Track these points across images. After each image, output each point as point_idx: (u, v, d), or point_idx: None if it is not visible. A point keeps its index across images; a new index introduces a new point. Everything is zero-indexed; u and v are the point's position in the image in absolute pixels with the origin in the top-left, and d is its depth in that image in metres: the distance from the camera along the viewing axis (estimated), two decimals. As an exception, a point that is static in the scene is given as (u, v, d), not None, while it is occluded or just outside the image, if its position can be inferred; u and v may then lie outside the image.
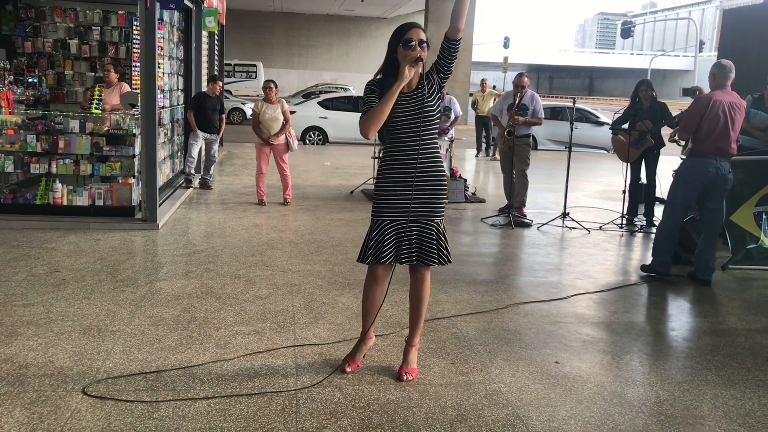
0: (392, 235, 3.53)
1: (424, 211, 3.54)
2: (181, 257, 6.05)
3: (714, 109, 5.62)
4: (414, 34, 3.44)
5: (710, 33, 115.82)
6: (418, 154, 3.47)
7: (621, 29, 41.18)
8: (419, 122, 3.46)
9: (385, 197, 3.53)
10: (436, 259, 3.57)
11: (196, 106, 9.51)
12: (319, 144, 17.03)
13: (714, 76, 5.76)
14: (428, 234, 3.55)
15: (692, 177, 5.76)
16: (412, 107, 3.47)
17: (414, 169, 3.47)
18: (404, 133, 3.48)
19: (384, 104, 3.38)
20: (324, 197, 9.51)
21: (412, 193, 3.49)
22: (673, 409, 3.51)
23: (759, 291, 5.80)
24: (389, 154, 3.55)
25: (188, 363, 3.79)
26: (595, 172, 13.64)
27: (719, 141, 5.63)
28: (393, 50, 3.48)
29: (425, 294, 3.71)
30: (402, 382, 3.66)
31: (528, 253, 6.87)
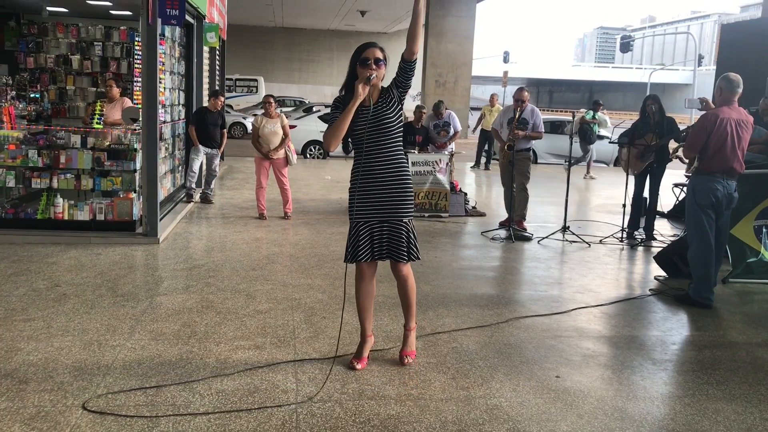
0: (366, 234, 3.86)
1: (391, 212, 3.84)
2: (182, 272, 6.05)
3: (721, 127, 5.42)
4: (370, 53, 3.75)
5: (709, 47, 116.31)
6: (385, 163, 3.80)
7: (620, 43, 41.36)
8: (378, 133, 3.78)
9: (355, 202, 3.86)
10: (406, 256, 3.88)
11: (198, 121, 9.54)
12: (319, 158, 17.07)
13: (721, 91, 5.55)
14: (397, 233, 3.87)
15: (702, 196, 5.54)
16: (372, 119, 3.77)
17: (379, 175, 3.80)
18: (368, 145, 3.79)
19: (342, 120, 3.70)
20: (324, 211, 9.52)
21: (378, 197, 3.82)
22: (675, 424, 3.50)
23: (760, 305, 5.79)
24: (356, 162, 3.88)
25: (188, 378, 3.78)
26: (595, 186, 13.65)
27: (727, 160, 5.45)
28: (351, 67, 3.82)
29: (408, 288, 4.03)
30: (404, 365, 4.03)
31: (528, 267, 6.87)
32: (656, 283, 6.39)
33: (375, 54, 3.75)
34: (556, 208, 9.90)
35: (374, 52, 3.75)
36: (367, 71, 3.69)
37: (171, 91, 9.06)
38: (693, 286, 5.65)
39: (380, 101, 3.82)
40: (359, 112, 3.75)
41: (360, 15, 29.02)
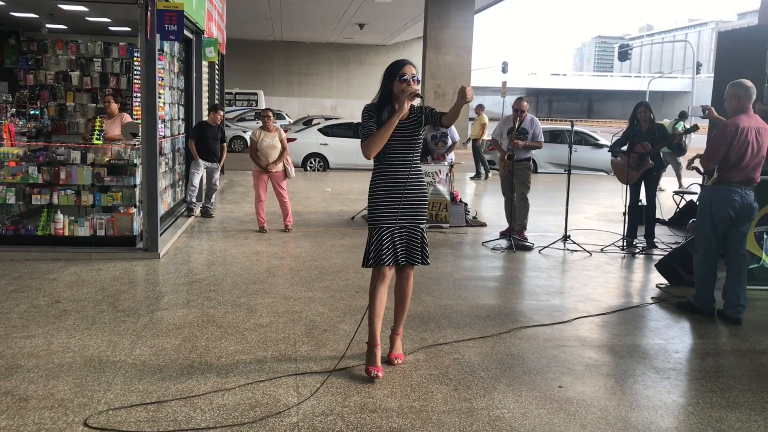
0: (388, 239, 4.06)
1: (412, 219, 4.12)
2: (183, 286, 6.04)
3: (742, 136, 5.25)
4: (408, 70, 4.01)
5: (707, 54, 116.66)
6: (410, 173, 4.07)
7: (618, 52, 41.42)
8: (412, 147, 4.09)
9: (380, 208, 4.09)
10: (420, 260, 4.15)
11: (197, 135, 9.56)
12: (320, 170, 17.09)
13: (738, 98, 5.35)
14: (415, 238, 4.13)
15: (718, 206, 5.36)
16: (406, 134, 4.06)
17: (404, 184, 4.06)
18: (398, 155, 4.07)
19: (385, 131, 3.95)
20: (325, 223, 9.52)
21: (403, 204, 4.07)
22: (679, 433, 3.48)
23: (762, 311, 5.77)
24: (382, 171, 4.12)
25: (189, 393, 3.77)
26: (595, 195, 13.65)
27: (747, 169, 5.30)
28: (388, 83, 4.04)
29: (409, 290, 4.29)
30: (393, 365, 4.22)
31: (530, 277, 6.85)
32: (658, 291, 6.37)
33: (412, 71, 4.02)
34: (557, 218, 9.89)
35: (411, 70, 4.03)
36: (413, 89, 3.91)
37: (170, 106, 9.08)
38: (695, 294, 5.63)
39: (412, 117, 4.08)
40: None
41: (359, 28, 29.12)
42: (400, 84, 3.99)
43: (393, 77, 4.02)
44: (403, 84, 3.98)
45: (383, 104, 4.08)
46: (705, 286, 5.57)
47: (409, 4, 22.02)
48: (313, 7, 24.09)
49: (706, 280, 5.57)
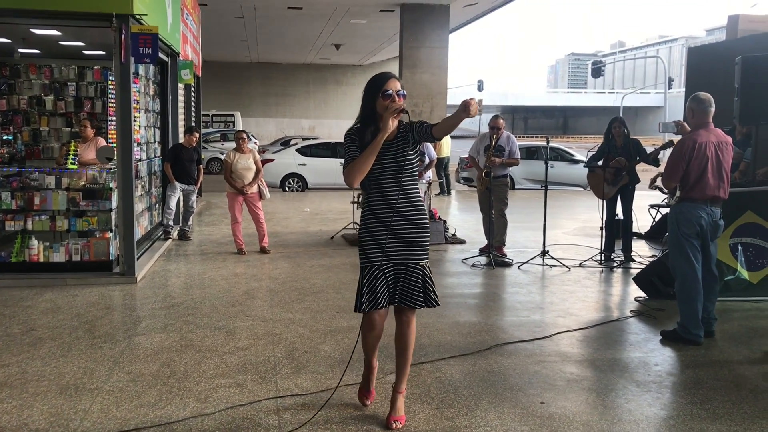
0: (382, 279, 3.60)
1: (409, 255, 3.62)
2: (160, 310, 5.97)
3: (701, 152, 5.05)
4: (391, 84, 3.55)
5: (678, 70, 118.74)
6: (397, 200, 3.58)
7: (592, 69, 42.02)
8: (400, 170, 3.58)
9: (370, 243, 3.61)
10: (423, 302, 3.63)
11: (173, 158, 9.51)
12: (298, 191, 17.05)
13: (693, 112, 5.21)
14: (414, 277, 3.62)
15: (686, 225, 5.14)
16: (394, 156, 3.59)
17: (392, 213, 3.58)
18: (385, 181, 3.59)
19: (368, 155, 3.49)
20: (304, 244, 9.48)
21: (394, 237, 3.58)
22: (661, 446, 3.49)
23: (739, 322, 5.83)
24: (371, 200, 3.64)
25: (168, 419, 3.71)
26: (572, 210, 13.76)
27: (709, 187, 5.08)
28: (370, 100, 3.57)
29: (411, 338, 3.71)
30: (391, 430, 3.61)
31: (510, 293, 6.87)
32: (637, 304, 6.42)
33: (396, 86, 3.56)
34: (535, 233, 9.94)
35: (395, 84, 3.57)
36: (397, 104, 3.49)
37: (146, 129, 9.03)
38: (680, 323, 5.25)
39: (400, 137, 3.61)
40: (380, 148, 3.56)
41: (335, 49, 29.23)
42: (384, 100, 3.53)
43: (375, 94, 3.55)
44: (386, 100, 3.53)
45: (366, 125, 3.60)
46: (690, 313, 5.17)
47: (385, 24, 22.17)
48: (288, 29, 24.18)
49: (690, 307, 5.16)
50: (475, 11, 21.06)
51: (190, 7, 12.32)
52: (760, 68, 6.58)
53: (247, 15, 20.95)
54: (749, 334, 5.46)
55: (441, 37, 19.30)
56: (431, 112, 18.64)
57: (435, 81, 19.32)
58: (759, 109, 6.59)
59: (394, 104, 3.49)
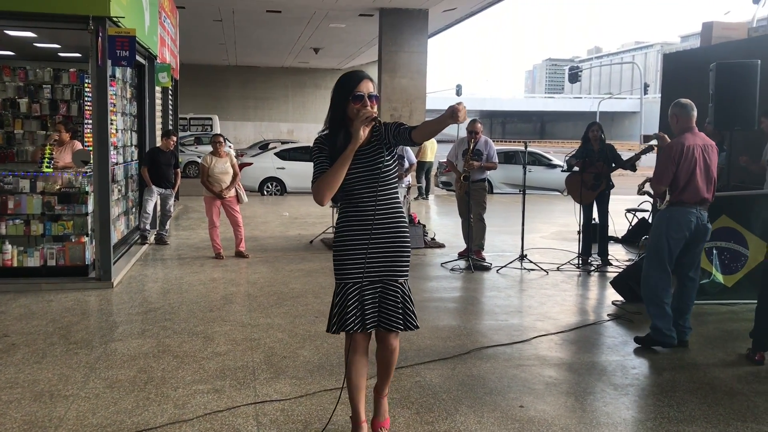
0: (355, 298, 3.25)
1: (387, 271, 3.28)
2: (137, 316, 5.91)
3: (689, 155, 5.08)
4: (363, 86, 3.19)
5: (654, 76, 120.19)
6: (375, 212, 3.24)
7: (569, 74, 42.39)
8: (377, 178, 3.23)
9: (345, 258, 3.27)
10: (402, 324, 3.30)
11: (150, 161, 9.43)
12: (277, 195, 16.99)
13: (677, 118, 5.25)
14: (393, 296, 3.29)
15: (675, 229, 5.14)
16: (368, 163, 3.24)
17: (370, 226, 3.24)
18: (360, 191, 3.24)
19: (338, 169, 3.14)
20: (283, 248, 9.44)
21: (372, 253, 3.25)
22: (638, 449, 3.52)
23: (714, 325, 5.90)
24: (347, 212, 3.30)
25: (146, 426, 3.67)
26: (550, 214, 13.86)
27: (699, 189, 5.11)
28: (339, 103, 3.22)
29: (393, 361, 3.44)
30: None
31: (488, 297, 6.89)
32: (614, 308, 6.47)
33: (369, 88, 3.20)
34: (513, 237, 9.98)
35: (368, 85, 3.20)
36: (369, 111, 3.14)
37: (123, 132, 8.94)
38: (653, 326, 5.24)
39: (374, 141, 3.24)
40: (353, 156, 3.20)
41: (314, 52, 29.19)
42: (354, 104, 3.18)
43: (346, 96, 3.19)
44: (357, 104, 3.17)
45: (336, 131, 3.24)
46: (660, 314, 5.22)
47: (364, 28, 22.19)
48: (267, 33, 24.10)
49: (660, 309, 5.22)
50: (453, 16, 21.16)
51: (168, 10, 12.24)
52: (734, 75, 6.69)
53: (225, 18, 20.86)
54: (724, 337, 5.53)
55: (420, 42, 19.37)
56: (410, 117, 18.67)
57: (414, 85, 19.37)
58: (733, 114, 6.71)
59: (366, 110, 3.14)
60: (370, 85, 3.21)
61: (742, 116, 6.66)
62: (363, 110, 3.14)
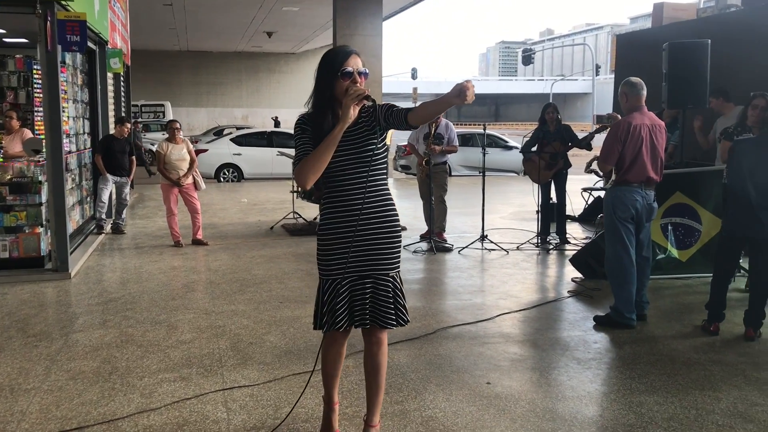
0: (345, 294, 3.05)
1: (377, 265, 3.05)
2: (97, 306, 5.80)
3: (635, 134, 5.08)
4: (353, 62, 2.96)
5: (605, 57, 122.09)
6: (364, 200, 3.00)
7: (522, 56, 42.80)
8: (367, 164, 2.99)
9: (332, 252, 3.03)
10: (394, 320, 3.10)
11: (104, 149, 9.23)
12: (234, 181, 16.80)
13: (626, 97, 5.24)
14: (384, 290, 3.08)
15: (622, 209, 5.18)
16: (357, 147, 3.00)
17: (358, 216, 2.99)
18: (348, 177, 3.00)
19: (324, 150, 2.89)
20: (243, 235, 9.36)
21: (360, 245, 3.02)
22: (603, 420, 3.61)
23: (671, 299, 6.07)
24: (332, 201, 3.04)
25: (112, 416, 3.62)
26: (508, 195, 14.02)
27: (645, 169, 5.12)
28: (325, 80, 2.98)
29: (383, 360, 3.20)
30: None
31: (451, 277, 6.96)
32: (573, 284, 6.60)
33: (358, 64, 2.97)
34: (473, 218, 10.08)
35: (356, 61, 2.98)
36: (360, 89, 2.89)
37: (75, 120, 8.71)
38: (613, 307, 5.28)
39: (363, 123, 3.00)
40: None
41: (267, 36, 28.83)
42: (343, 81, 2.94)
43: (333, 73, 2.95)
44: (346, 81, 2.94)
45: (322, 112, 2.98)
46: (624, 297, 5.21)
47: (318, 12, 21.99)
48: (218, 17, 23.71)
49: (624, 290, 5.21)
50: None
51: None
52: (686, 54, 6.84)
53: (176, 2, 20.43)
54: (680, 310, 5.69)
55: (374, 25, 19.28)
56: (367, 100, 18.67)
57: (369, 69, 19.23)
58: (686, 93, 6.86)
59: (356, 87, 2.89)
60: (358, 60, 3.00)
61: (694, 95, 6.81)
62: (353, 87, 2.90)
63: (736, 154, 5.01)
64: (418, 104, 2.89)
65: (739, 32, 7.82)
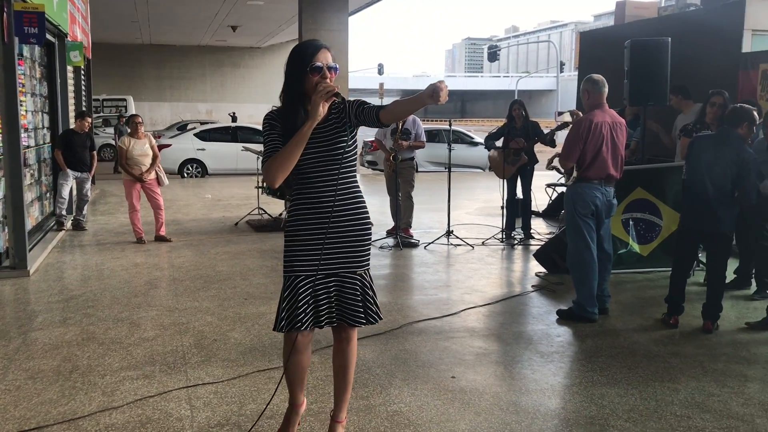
0: (307, 294, 2.98)
1: (346, 263, 3.00)
2: (57, 304, 5.69)
3: (596, 132, 5.12)
4: (322, 56, 2.90)
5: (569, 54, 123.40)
6: (337, 197, 2.95)
7: (488, 53, 43.11)
8: (338, 161, 2.94)
9: (298, 249, 2.98)
10: (363, 319, 3.04)
11: (64, 144, 9.05)
12: (198, 177, 16.62)
13: (588, 94, 5.28)
14: (351, 289, 3.02)
15: (582, 205, 5.24)
16: (327, 143, 2.95)
17: (329, 214, 2.95)
18: (318, 174, 2.95)
19: (293, 148, 2.84)
20: (207, 231, 9.26)
21: (331, 243, 2.97)
22: (565, 413, 3.66)
23: (632, 293, 6.17)
24: (302, 198, 2.99)
25: (73, 415, 3.56)
26: (474, 191, 14.11)
27: (605, 166, 5.18)
28: (294, 75, 2.93)
29: (352, 357, 3.16)
30: None
31: (417, 273, 6.98)
32: (537, 279, 6.68)
33: (328, 58, 2.91)
34: (439, 214, 10.13)
35: (326, 56, 2.91)
36: (329, 85, 2.84)
37: (33, 114, 8.53)
38: (576, 301, 5.36)
39: (333, 119, 2.96)
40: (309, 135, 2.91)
41: (231, 30, 28.56)
42: (312, 76, 2.90)
43: (303, 68, 2.89)
44: (315, 76, 2.89)
45: (292, 107, 2.94)
46: (586, 292, 5.29)
47: (283, 6, 21.84)
48: (182, 10, 23.39)
49: (586, 285, 5.28)
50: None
51: (77, -15, 11.70)
52: (648, 52, 6.96)
53: (139, -6, 20.11)
54: (641, 304, 5.79)
55: (340, 20, 19.22)
56: (333, 96, 18.61)
57: (336, 64, 19.29)
58: (647, 90, 6.98)
59: (325, 84, 2.84)
60: (328, 55, 2.94)
61: (655, 92, 6.94)
62: (322, 83, 2.85)
63: (694, 151, 5.11)
64: (391, 102, 2.87)
65: (699, 31, 7.99)
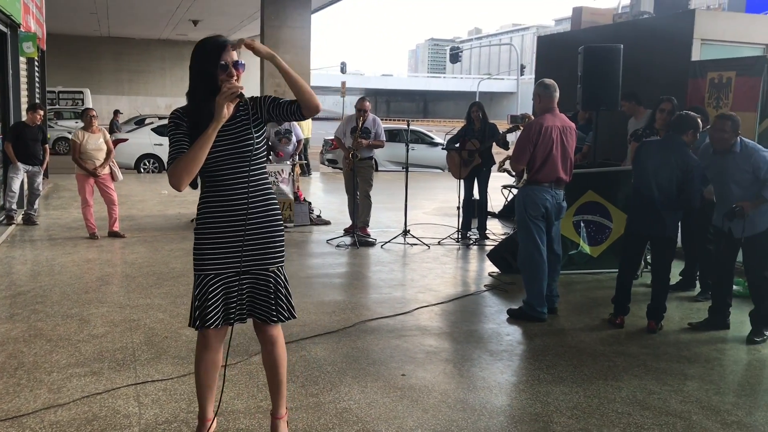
0: (219, 291, 2.98)
1: (258, 260, 2.98)
2: (4, 299, 5.58)
3: (546, 135, 5.24)
4: (227, 56, 2.85)
5: (530, 57, 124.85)
6: (249, 196, 2.92)
7: (450, 54, 43.39)
8: (246, 157, 2.91)
9: (209, 247, 2.96)
10: (275, 315, 3.03)
11: (15, 137, 8.85)
12: (154, 172, 16.40)
13: (539, 98, 5.39)
14: (264, 286, 3.01)
15: (532, 208, 5.36)
16: (235, 141, 2.91)
17: (244, 213, 2.92)
18: (229, 173, 2.91)
19: (198, 150, 2.79)
20: (162, 227, 9.17)
21: (236, 240, 2.94)
22: (511, 410, 3.74)
23: (581, 293, 6.31)
24: (210, 196, 2.95)
25: (17, 412, 3.51)
26: (432, 191, 14.21)
27: (555, 169, 5.29)
28: (200, 72, 2.89)
29: (280, 359, 3.14)
30: None
31: (373, 271, 7.03)
32: (490, 279, 6.78)
33: (233, 56, 2.87)
34: (397, 213, 10.19)
35: (231, 54, 2.86)
36: (234, 86, 2.79)
37: (-17, 105, 8.34)
38: (526, 301, 5.45)
39: (240, 117, 2.93)
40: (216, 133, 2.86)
41: (192, 25, 28.25)
42: (221, 75, 2.84)
43: (210, 65, 2.84)
44: (221, 75, 2.84)
45: (197, 105, 2.89)
46: (536, 292, 5.39)
47: (245, 1, 21.69)
48: (141, 2, 23.06)
49: (536, 286, 5.38)
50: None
51: (32, -25, 11.45)
52: (601, 58, 7.10)
53: (97, -15, 19.75)
54: (590, 304, 5.93)
55: (303, 17, 19.15)
56: (294, 93, 18.53)
57: (297, 62, 19.16)
58: (599, 95, 7.13)
59: (229, 85, 2.80)
60: (233, 53, 2.88)
61: (607, 97, 7.08)
62: (227, 84, 2.80)
63: (641, 155, 5.25)
64: None
65: (651, 38, 8.19)
